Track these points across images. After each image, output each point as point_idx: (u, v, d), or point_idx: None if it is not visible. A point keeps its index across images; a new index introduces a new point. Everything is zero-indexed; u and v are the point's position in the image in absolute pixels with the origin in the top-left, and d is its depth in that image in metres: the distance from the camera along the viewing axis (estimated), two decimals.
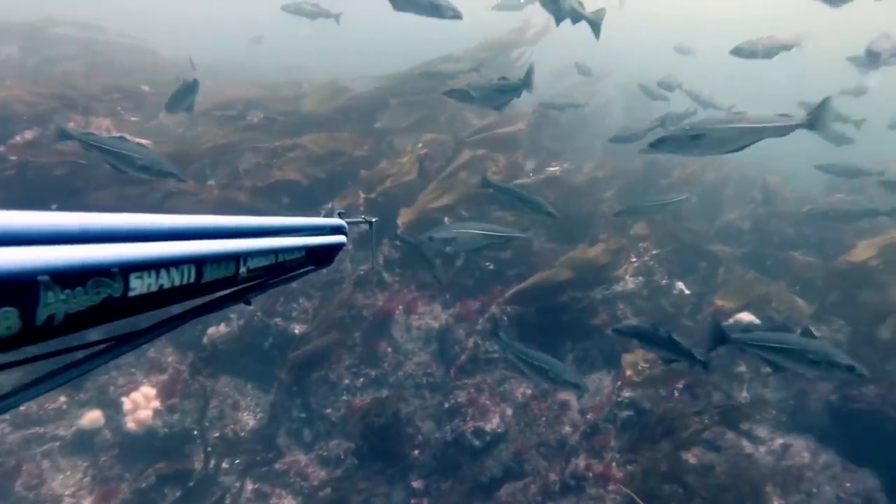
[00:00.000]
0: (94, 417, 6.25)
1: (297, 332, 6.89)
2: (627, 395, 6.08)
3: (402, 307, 6.90)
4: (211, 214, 0.96)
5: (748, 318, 6.92)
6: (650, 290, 7.55)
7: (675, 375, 6.17)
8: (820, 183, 11.64)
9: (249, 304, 1.17)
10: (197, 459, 6.12)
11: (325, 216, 1.45)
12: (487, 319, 6.81)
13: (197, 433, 6.28)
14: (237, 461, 6.23)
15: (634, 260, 7.81)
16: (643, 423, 5.83)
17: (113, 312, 0.72)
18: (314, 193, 8.10)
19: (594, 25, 6.35)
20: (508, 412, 6.21)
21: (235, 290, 1.07)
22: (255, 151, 8.56)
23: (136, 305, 0.76)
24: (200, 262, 0.87)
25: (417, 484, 5.98)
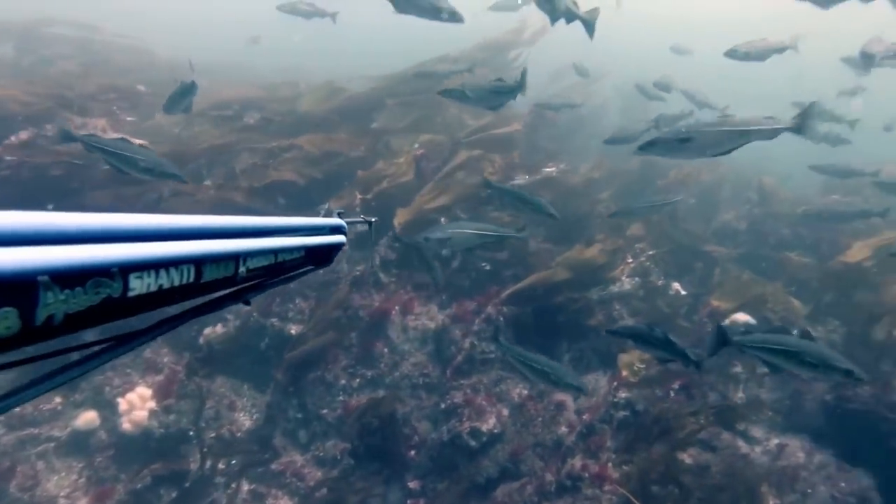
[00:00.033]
0: (89, 418, 6.23)
1: (293, 332, 6.88)
2: (623, 395, 6.09)
3: (398, 308, 6.90)
4: (209, 215, 0.96)
5: (744, 318, 6.94)
6: (646, 290, 7.56)
7: (670, 376, 6.18)
8: (816, 184, 11.67)
9: (249, 303, 1.17)
10: (193, 460, 6.11)
11: (323, 216, 1.45)
12: (484, 320, 6.81)
13: (193, 434, 6.26)
14: (233, 462, 6.21)
15: (631, 261, 7.83)
16: (639, 423, 5.85)
17: (112, 312, 0.72)
18: (311, 194, 8.09)
19: (588, 25, 6.37)
20: (505, 413, 6.21)
21: (235, 289, 1.07)
22: (251, 152, 8.55)
23: (135, 305, 0.76)
24: (200, 262, 0.87)
25: (414, 484, 5.98)
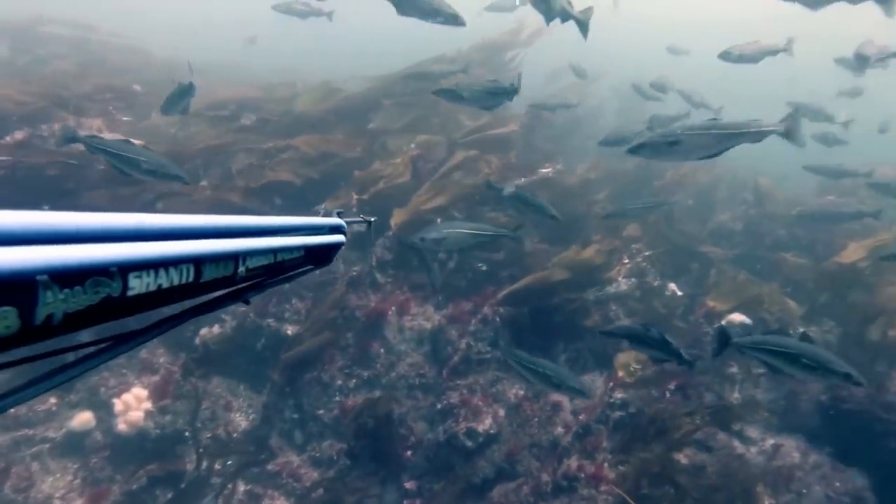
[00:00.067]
0: (84, 419, 6.21)
1: (289, 332, 6.87)
2: (619, 396, 6.10)
3: (394, 308, 6.90)
4: (208, 214, 0.96)
5: (740, 318, 6.96)
6: (643, 291, 7.58)
7: (666, 376, 6.20)
8: (811, 185, 11.71)
9: (248, 303, 1.17)
10: (189, 461, 6.09)
11: (322, 216, 1.45)
12: (480, 320, 6.81)
13: (189, 434, 6.25)
14: (229, 462, 6.20)
15: (627, 261, 7.84)
16: (635, 423, 5.86)
17: (112, 312, 0.72)
18: (307, 194, 8.08)
19: (582, 25, 6.39)
20: (501, 413, 6.21)
21: (234, 289, 1.07)
22: (247, 152, 8.54)
23: (134, 305, 0.76)
24: (199, 261, 0.86)
25: (410, 485, 5.98)
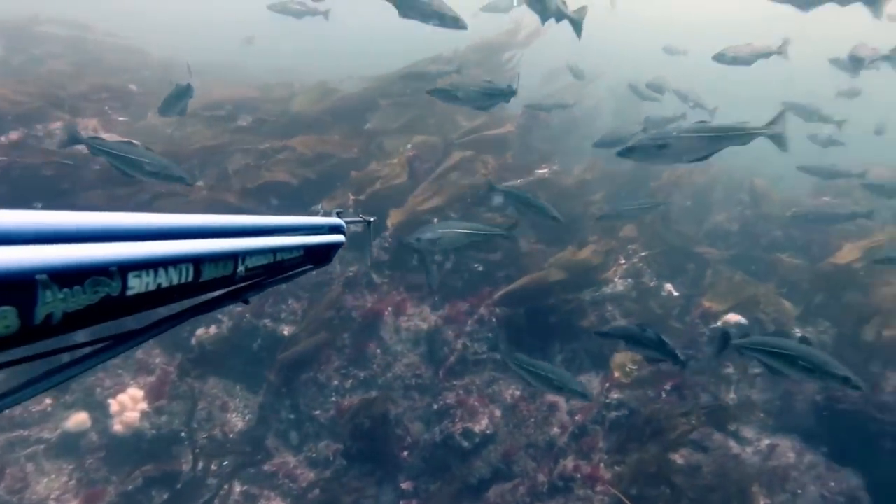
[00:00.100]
0: (80, 420, 6.19)
1: (285, 333, 6.86)
2: (616, 396, 6.12)
3: (391, 308, 6.89)
4: (208, 214, 0.96)
5: (735, 319, 6.98)
6: (639, 291, 7.59)
7: (662, 377, 6.21)
8: (807, 185, 11.74)
9: (248, 302, 1.17)
10: (185, 461, 6.08)
11: (322, 216, 1.45)
12: (476, 321, 6.82)
13: (185, 435, 6.24)
14: (225, 463, 6.19)
15: (623, 262, 7.85)
16: (631, 424, 5.87)
17: (111, 311, 0.72)
18: (304, 195, 8.07)
19: (576, 24, 6.40)
20: (497, 413, 6.22)
21: (233, 289, 1.07)
22: (244, 153, 8.52)
23: (134, 304, 0.76)
24: (198, 261, 0.86)
25: (406, 485, 5.98)
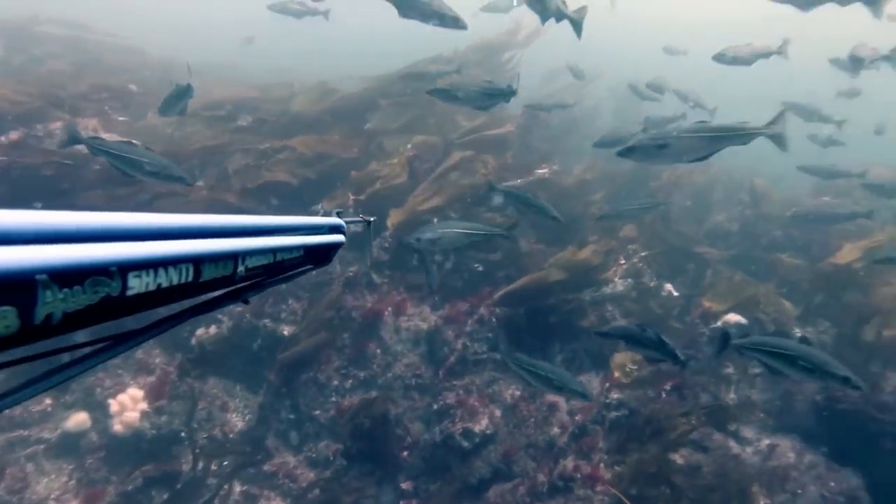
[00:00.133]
0: (80, 420, 6.19)
1: (285, 333, 6.86)
2: (616, 396, 6.12)
3: (391, 308, 6.89)
4: (207, 214, 0.96)
5: (735, 318, 6.98)
6: (639, 291, 7.58)
7: (662, 377, 6.21)
8: (807, 185, 11.74)
9: (248, 302, 1.17)
10: (185, 461, 6.08)
11: (322, 215, 1.45)
12: (476, 321, 6.82)
13: (185, 435, 6.24)
14: (225, 463, 6.19)
15: (623, 262, 7.85)
16: (631, 424, 5.87)
17: (111, 311, 0.72)
18: (304, 195, 8.07)
19: (576, 24, 6.41)
20: (497, 413, 6.22)
21: (233, 289, 1.07)
22: (244, 153, 8.52)
23: (134, 304, 0.76)
24: (198, 261, 0.86)
25: (406, 485, 5.98)
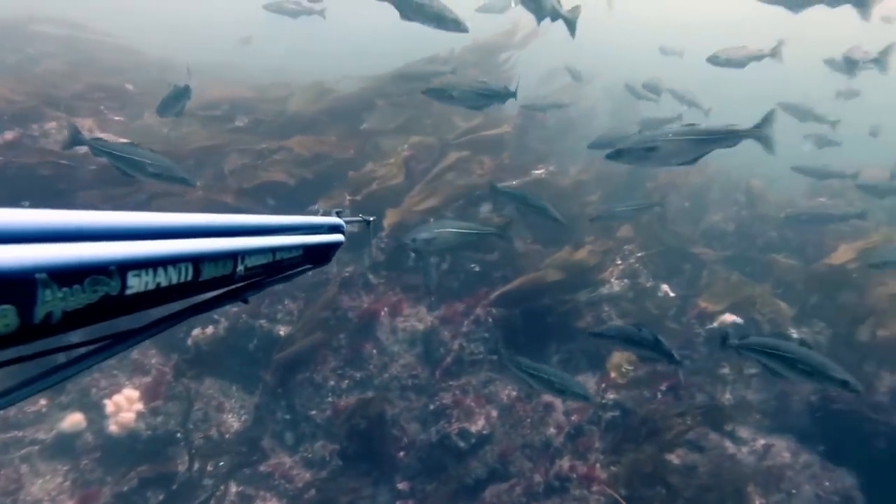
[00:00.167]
0: (75, 420, 6.16)
1: (281, 333, 6.85)
2: (612, 396, 6.13)
3: (387, 309, 6.89)
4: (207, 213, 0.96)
5: (731, 319, 7.01)
6: (635, 292, 7.60)
7: (658, 377, 6.23)
8: (802, 186, 11.79)
9: (247, 302, 1.17)
10: (180, 462, 6.06)
11: (321, 215, 1.45)
12: (473, 321, 6.82)
13: (181, 436, 6.22)
14: (221, 463, 6.18)
15: (620, 262, 7.87)
16: (627, 424, 5.88)
17: (110, 310, 0.72)
18: (300, 195, 8.06)
19: (570, 23, 6.42)
20: (493, 414, 6.22)
21: (233, 288, 1.07)
22: (240, 153, 8.51)
23: (133, 303, 0.76)
24: (198, 260, 0.87)
25: (402, 485, 5.98)
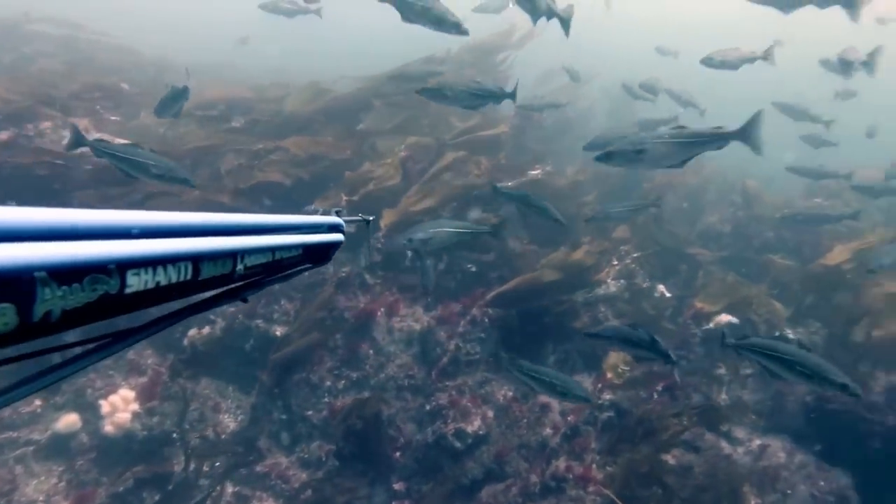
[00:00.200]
0: (70, 421, 6.14)
1: (278, 333, 6.84)
2: (608, 397, 6.14)
3: (383, 309, 6.89)
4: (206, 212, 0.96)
5: (727, 319, 7.03)
6: (631, 292, 7.62)
7: (654, 377, 6.24)
8: (799, 187, 11.83)
9: (246, 301, 1.17)
10: (176, 462, 6.05)
11: (321, 214, 1.45)
12: (469, 322, 6.82)
13: (177, 436, 6.21)
14: (217, 464, 6.17)
15: (616, 263, 7.88)
16: (623, 424, 5.89)
17: (109, 309, 0.72)
18: (296, 196, 8.05)
19: (564, 22, 6.43)
20: (490, 414, 6.22)
21: (232, 287, 1.07)
22: (237, 153, 8.50)
23: (132, 302, 0.76)
24: (197, 259, 0.87)
25: (399, 486, 5.97)
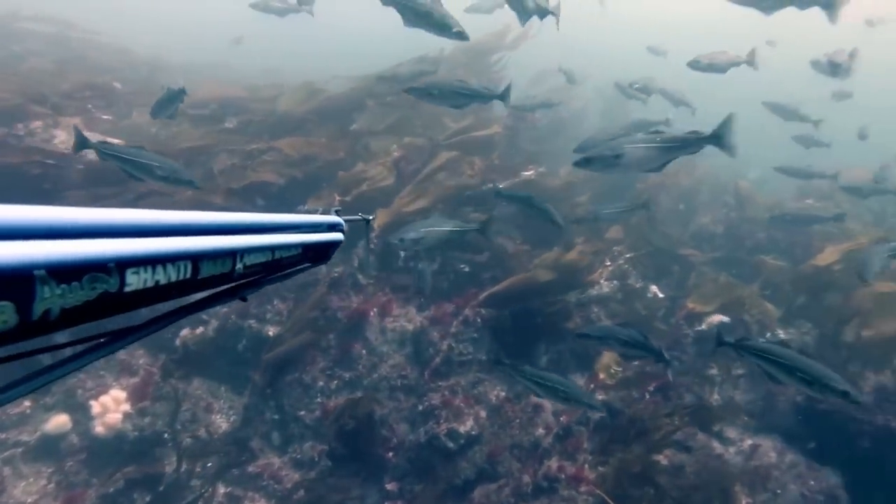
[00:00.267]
0: (60, 422, 6.09)
1: (270, 334, 6.82)
2: (600, 397, 6.17)
3: (376, 309, 6.88)
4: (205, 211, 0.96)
5: (718, 319, 7.07)
6: (624, 293, 7.65)
7: (647, 377, 6.27)
8: (791, 188, 11.90)
9: (245, 300, 1.17)
10: (168, 463, 6.02)
11: (321, 213, 1.45)
12: (462, 322, 6.83)
13: (168, 436, 6.18)
14: (209, 464, 6.14)
15: (609, 264, 7.91)
16: (615, 424, 5.92)
17: (109, 308, 0.72)
18: (290, 195, 8.03)
19: (552, 16, 6.43)
20: (482, 414, 6.23)
21: (231, 286, 1.07)
22: (230, 153, 8.47)
23: (131, 301, 0.76)
24: (197, 258, 0.87)
25: (391, 486, 5.97)
